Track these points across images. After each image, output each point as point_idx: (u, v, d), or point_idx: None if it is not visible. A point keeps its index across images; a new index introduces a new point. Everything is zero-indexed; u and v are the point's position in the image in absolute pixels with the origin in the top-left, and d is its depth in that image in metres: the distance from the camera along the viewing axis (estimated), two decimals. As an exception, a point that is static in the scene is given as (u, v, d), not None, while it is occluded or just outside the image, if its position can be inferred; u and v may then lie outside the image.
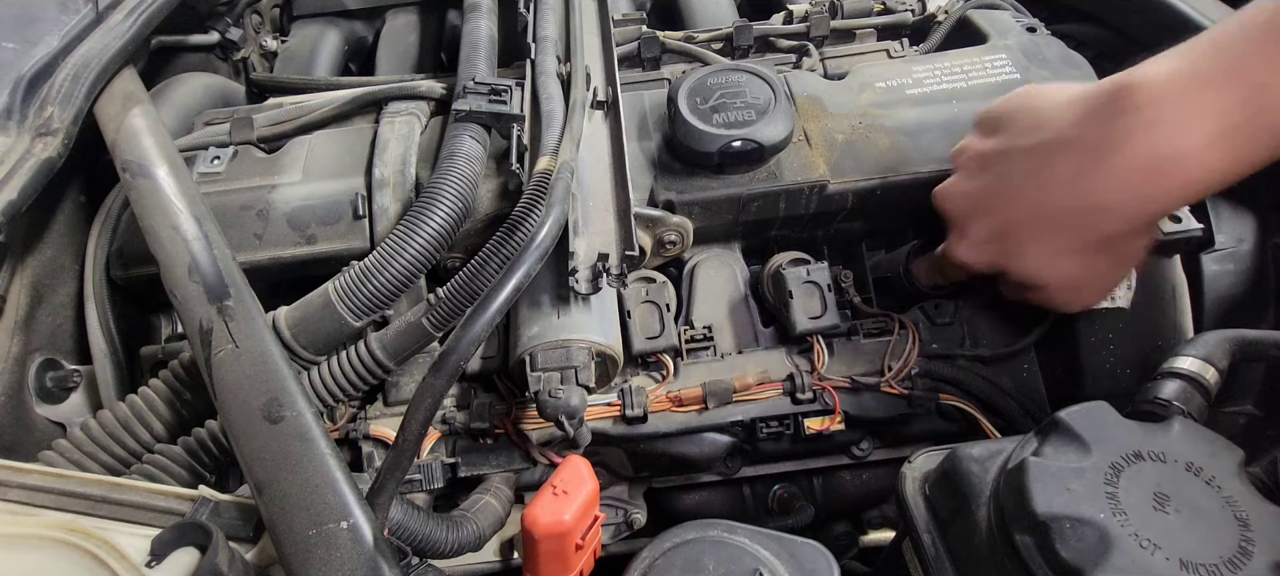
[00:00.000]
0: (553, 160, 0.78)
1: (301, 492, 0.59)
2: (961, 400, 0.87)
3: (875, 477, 1.00)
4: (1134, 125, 0.62)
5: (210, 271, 0.71)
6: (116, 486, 0.62)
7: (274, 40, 1.46)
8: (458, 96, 0.87)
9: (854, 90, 0.95)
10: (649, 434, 0.85)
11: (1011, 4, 1.10)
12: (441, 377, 0.61)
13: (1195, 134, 0.60)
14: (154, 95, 1.05)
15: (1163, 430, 0.57)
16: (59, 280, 0.89)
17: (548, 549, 0.70)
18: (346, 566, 0.57)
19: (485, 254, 0.77)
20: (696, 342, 0.90)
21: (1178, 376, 0.67)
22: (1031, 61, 0.95)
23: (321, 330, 0.76)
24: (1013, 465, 0.56)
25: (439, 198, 0.77)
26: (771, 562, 0.61)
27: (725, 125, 0.84)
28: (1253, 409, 0.86)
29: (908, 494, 0.64)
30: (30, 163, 0.77)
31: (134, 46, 0.93)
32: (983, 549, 0.56)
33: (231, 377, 0.66)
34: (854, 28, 1.13)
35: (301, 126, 0.99)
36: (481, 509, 0.81)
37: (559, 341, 0.76)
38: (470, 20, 1.03)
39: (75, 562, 0.53)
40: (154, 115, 0.86)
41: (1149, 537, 0.50)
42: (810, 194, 0.87)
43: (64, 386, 0.88)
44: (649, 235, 0.87)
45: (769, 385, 0.86)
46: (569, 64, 0.94)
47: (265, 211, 0.88)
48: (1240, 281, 0.90)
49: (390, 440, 0.85)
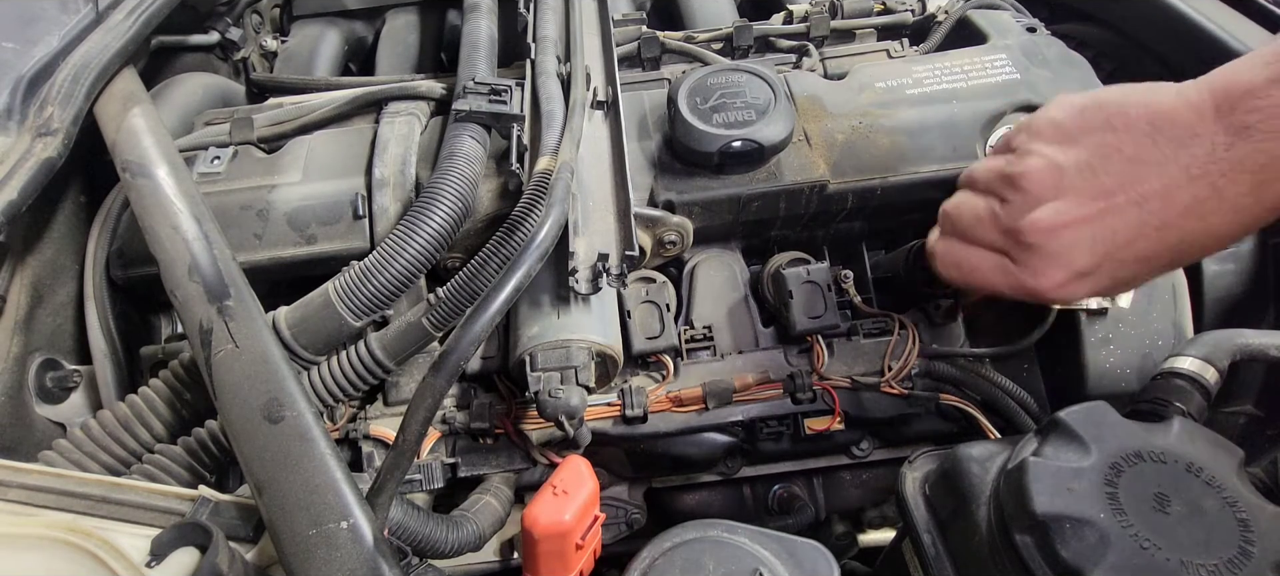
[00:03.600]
0: (553, 160, 0.78)
1: (301, 492, 0.59)
2: (961, 400, 0.87)
3: (875, 477, 1.00)
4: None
5: (210, 271, 0.71)
6: (116, 486, 0.62)
7: (274, 40, 1.46)
8: (458, 96, 0.87)
9: (854, 90, 0.95)
10: (649, 434, 0.85)
11: (1011, 4, 1.10)
12: (441, 377, 0.61)
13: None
14: (154, 95, 1.05)
15: (1163, 430, 0.57)
16: (59, 280, 0.89)
17: (548, 549, 0.70)
18: (346, 566, 0.57)
19: (485, 254, 0.77)
20: (696, 342, 0.90)
21: (1178, 376, 0.67)
22: (1031, 61, 0.95)
23: (321, 330, 0.76)
24: (1013, 465, 0.56)
25: (439, 198, 0.77)
26: (771, 562, 0.61)
27: (725, 125, 0.84)
28: (1253, 409, 0.86)
29: (908, 494, 0.64)
30: (30, 163, 0.77)
31: (134, 46, 0.93)
32: (983, 549, 0.56)
33: (231, 378, 0.66)
34: (854, 28, 1.13)
35: (301, 126, 0.99)
36: (481, 509, 0.81)
37: (559, 341, 0.76)
38: (470, 20, 1.03)
39: (75, 562, 0.53)
40: (154, 115, 0.86)
41: (1149, 537, 0.50)
42: (810, 194, 0.87)
43: (64, 386, 0.88)
44: (649, 235, 0.87)
45: (769, 385, 0.86)
46: (569, 64, 0.94)
47: (265, 211, 0.88)
48: (1240, 281, 0.90)
49: (390, 440, 0.85)
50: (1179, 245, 0.62)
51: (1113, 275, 0.65)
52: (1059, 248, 0.65)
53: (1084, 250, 0.64)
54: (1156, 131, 0.61)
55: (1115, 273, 0.65)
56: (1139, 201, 0.61)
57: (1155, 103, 0.62)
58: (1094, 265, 0.64)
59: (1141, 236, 0.62)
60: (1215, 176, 0.58)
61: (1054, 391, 0.91)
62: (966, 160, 0.85)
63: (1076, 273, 0.65)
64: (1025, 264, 0.67)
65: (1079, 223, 0.64)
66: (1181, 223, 0.60)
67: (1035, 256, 0.66)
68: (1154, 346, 0.86)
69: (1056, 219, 0.65)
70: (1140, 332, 0.87)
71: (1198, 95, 0.60)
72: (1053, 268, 0.66)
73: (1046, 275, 0.66)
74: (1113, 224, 0.63)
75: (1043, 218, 0.65)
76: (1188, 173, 0.59)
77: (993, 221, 0.70)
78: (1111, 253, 0.63)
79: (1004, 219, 0.68)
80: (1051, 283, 0.66)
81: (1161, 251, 0.62)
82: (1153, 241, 0.62)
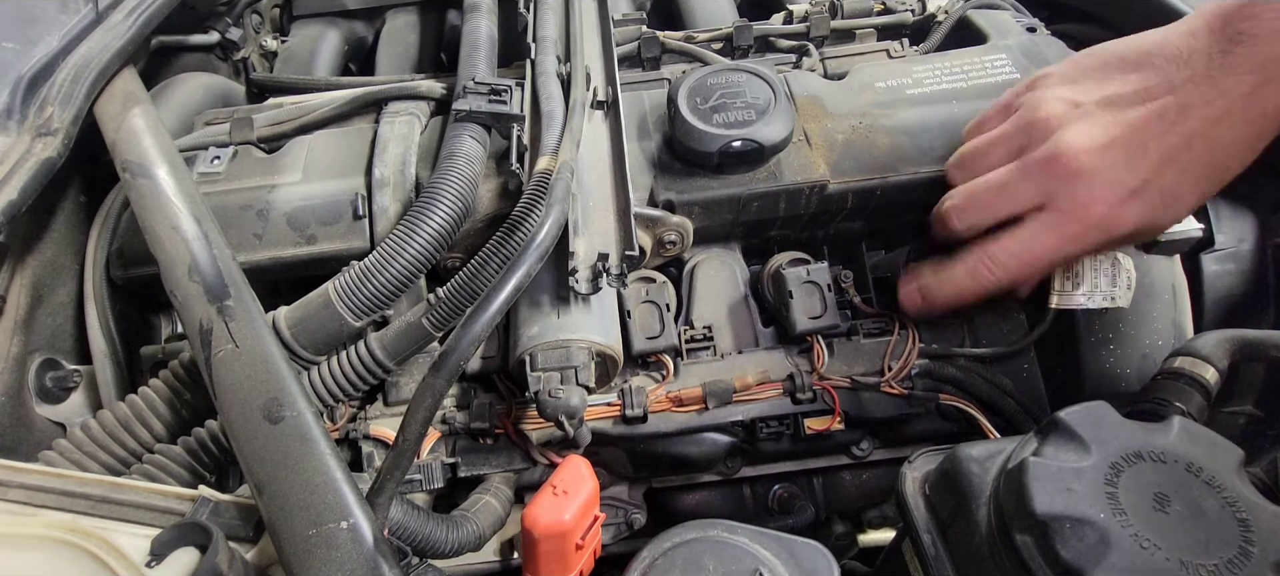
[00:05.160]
0: (553, 160, 0.78)
1: (301, 492, 0.59)
2: (961, 400, 0.86)
3: (875, 477, 1.00)
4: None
5: (210, 271, 0.71)
6: (116, 486, 0.62)
7: (274, 40, 1.46)
8: (458, 96, 0.87)
9: (854, 90, 0.95)
10: (649, 434, 0.85)
11: (1011, 4, 1.10)
12: (441, 377, 0.61)
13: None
14: (154, 95, 1.05)
15: (1163, 430, 0.56)
16: (59, 280, 0.89)
17: (548, 549, 0.70)
18: (346, 566, 0.57)
19: (485, 254, 0.77)
20: (696, 342, 0.90)
21: (1178, 376, 0.67)
22: (1031, 61, 0.95)
23: (321, 330, 0.76)
24: (1013, 465, 0.56)
25: (439, 198, 0.77)
26: (771, 562, 0.61)
27: (725, 125, 0.84)
28: (1253, 409, 0.86)
29: (908, 494, 0.64)
30: (30, 163, 0.77)
31: (134, 46, 0.93)
32: (983, 549, 0.56)
33: (231, 378, 0.66)
34: (854, 28, 1.13)
35: (301, 126, 0.99)
36: (481, 509, 0.81)
37: (559, 341, 0.76)
38: (470, 20, 1.03)
39: (75, 562, 0.53)
40: (154, 115, 0.86)
41: (1149, 537, 0.50)
42: (810, 194, 0.87)
43: (64, 386, 0.88)
44: (649, 235, 0.87)
45: (769, 385, 0.86)
46: (569, 64, 0.94)
47: (265, 211, 0.88)
48: (1240, 281, 0.90)
49: (390, 440, 0.85)
50: (1206, 152, 0.63)
51: (1163, 190, 0.65)
52: (1101, 166, 0.64)
53: (1124, 166, 0.64)
54: (1156, 56, 0.65)
55: (1166, 186, 0.65)
56: (1159, 111, 0.63)
57: (1148, 38, 0.66)
58: (1140, 181, 0.64)
59: (1170, 142, 0.63)
60: (1218, 80, 0.61)
61: (1054, 391, 0.91)
62: (966, 160, 0.85)
63: (1128, 190, 0.64)
64: (1069, 200, 0.66)
65: (1111, 143, 0.64)
66: (1201, 128, 0.62)
67: (1078, 186, 0.65)
68: (1154, 346, 0.86)
69: (1089, 140, 0.65)
70: (1140, 332, 0.87)
71: (1190, 23, 0.64)
72: (1100, 189, 0.65)
73: (1096, 201, 0.65)
74: (1140, 134, 0.64)
75: (1076, 140, 0.65)
76: (1192, 81, 0.62)
77: (1023, 174, 0.69)
78: (1151, 164, 0.64)
79: (1036, 161, 0.67)
80: (1104, 208, 0.65)
81: (1193, 161, 0.63)
82: (1181, 148, 0.63)
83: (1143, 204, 0.65)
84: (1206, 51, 0.62)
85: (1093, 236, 0.67)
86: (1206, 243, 0.89)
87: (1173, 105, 0.63)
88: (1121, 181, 0.64)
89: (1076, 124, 0.65)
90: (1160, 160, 0.64)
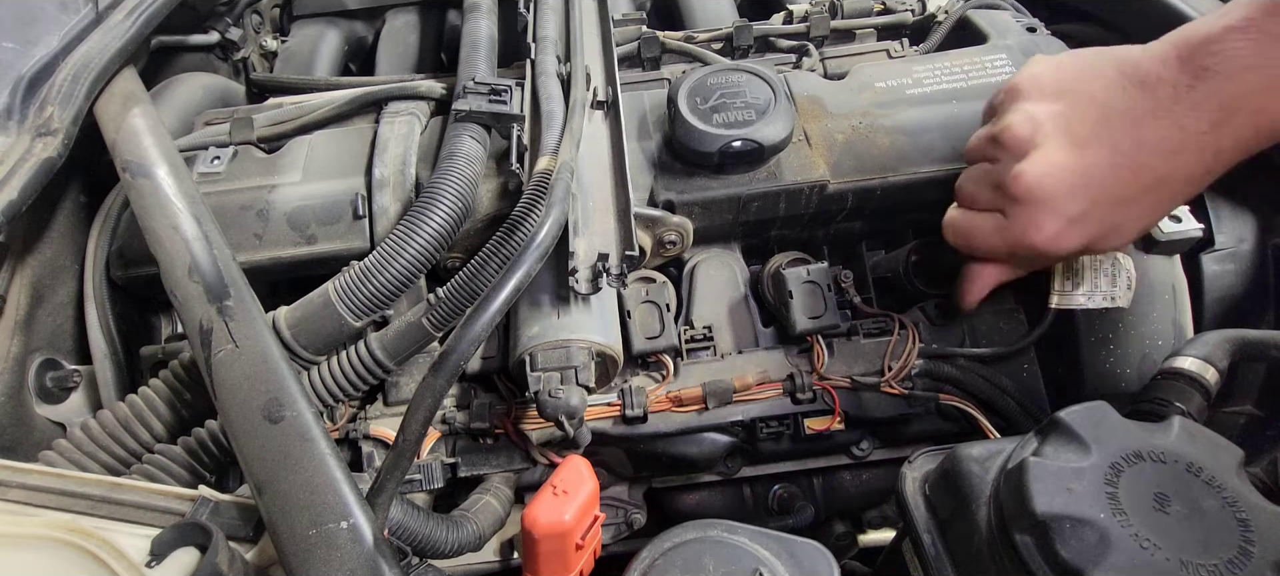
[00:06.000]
0: (553, 160, 0.78)
1: (301, 492, 0.59)
2: (961, 400, 0.87)
3: (875, 477, 1.00)
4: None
5: (210, 271, 0.71)
6: (116, 486, 0.62)
7: (274, 40, 1.46)
8: (458, 96, 0.87)
9: (854, 90, 0.95)
10: (649, 434, 0.85)
11: (1011, 4, 1.10)
12: (441, 377, 0.61)
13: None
14: (154, 95, 1.05)
15: (1163, 430, 0.56)
16: (59, 280, 0.89)
17: (548, 549, 0.70)
18: (346, 566, 0.57)
19: (485, 254, 0.77)
20: (696, 342, 0.90)
21: (1178, 376, 0.67)
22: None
23: (321, 330, 0.76)
24: (1013, 465, 0.56)
25: (439, 198, 0.77)
26: (771, 562, 0.61)
27: (725, 125, 0.84)
28: (1253, 409, 0.86)
29: (908, 494, 0.64)
30: (30, 163, 0.77)
31: (134, 46, 0.93)
32: (983, 549, 0.56)
33: (231, 377, 0.66)
34: (854, 28, 1.13)
35: (301, 126, 0.99)
36: (481, 509, 0.81)
37: (559, 341, 0.76)
38: (470, 20, 1.03)
39: (75, 562, 0.53)
40: (154, 115, 0.86)
41: (1149, 537, 0.50)
42: (810, 194, 0.87)
43: (64, 386, 0.88)
44: (649, 235, 0.87)
45: (769, 385, 0.86)
46: (569, 64, 0.94)
47: (265, 211, 0.88)
48: (1240, 281, 0.90)
49: (390, 440, 0.85)
50: (1154, 185, 0.66)
51: (1101, 221, 0.68)
52: (1045, 195, 0.68)
53: (1068, 196, 0.67)
54: (1125, 78, 0.66)
55: (1104, 218, 0.68)
56: (1112, 145, 0.66)
57: (1124, 56, 0.67)
58: (1082, 210, 0.67)
59: (1118, 178, 0.66)
60: (1179, 115, 0.62)
61: (1054, 391, 0.91)
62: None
63: (1068, 219, 0.68)
64: (1018, 218, 0.70)
65: (1059, 169, 0.67)
66: (1153, 162, 0.65)
67: (1027, 208, 0.69)
68: (1154, 346, 0.86)
69: (1037, 167, 0.68)
70: (1140, 332, 0.87)
71: (1162, 48, 0.65)
72: (1044, 216, 0.68)
73: (1039, 226, 0.69)
74: (1090, 168, 0.66)
75: (1026, 168, 0.68)
76: (1154, 114, 0.64)
77: (985, 181, 0.74)
78: (1095, 196, 0.67)
79: (994, 176, 0.72)
80: (1046, 233, 0.69)
81: (1139, 193, 0.66)
82: (1129, 182, 0.66)
83: (1082, 232, 0.68)
84: (1172, 82, 0.63)
85: (1030, 255, 0.72)
86: (1206, 243, 0.89)
87: (1129, 139, 0.65)
88: (1064, 211, 0.68)
89: (1036, 150, 0.69)
90: (1107, 193, 0.67)
